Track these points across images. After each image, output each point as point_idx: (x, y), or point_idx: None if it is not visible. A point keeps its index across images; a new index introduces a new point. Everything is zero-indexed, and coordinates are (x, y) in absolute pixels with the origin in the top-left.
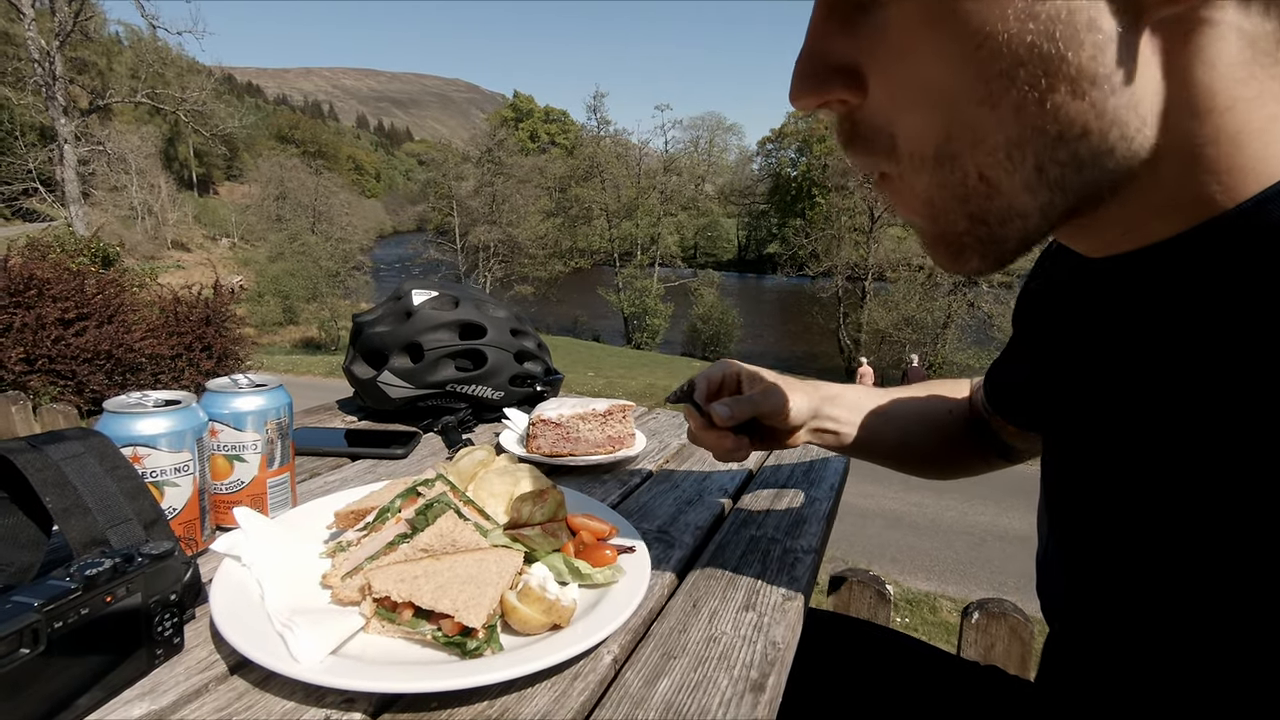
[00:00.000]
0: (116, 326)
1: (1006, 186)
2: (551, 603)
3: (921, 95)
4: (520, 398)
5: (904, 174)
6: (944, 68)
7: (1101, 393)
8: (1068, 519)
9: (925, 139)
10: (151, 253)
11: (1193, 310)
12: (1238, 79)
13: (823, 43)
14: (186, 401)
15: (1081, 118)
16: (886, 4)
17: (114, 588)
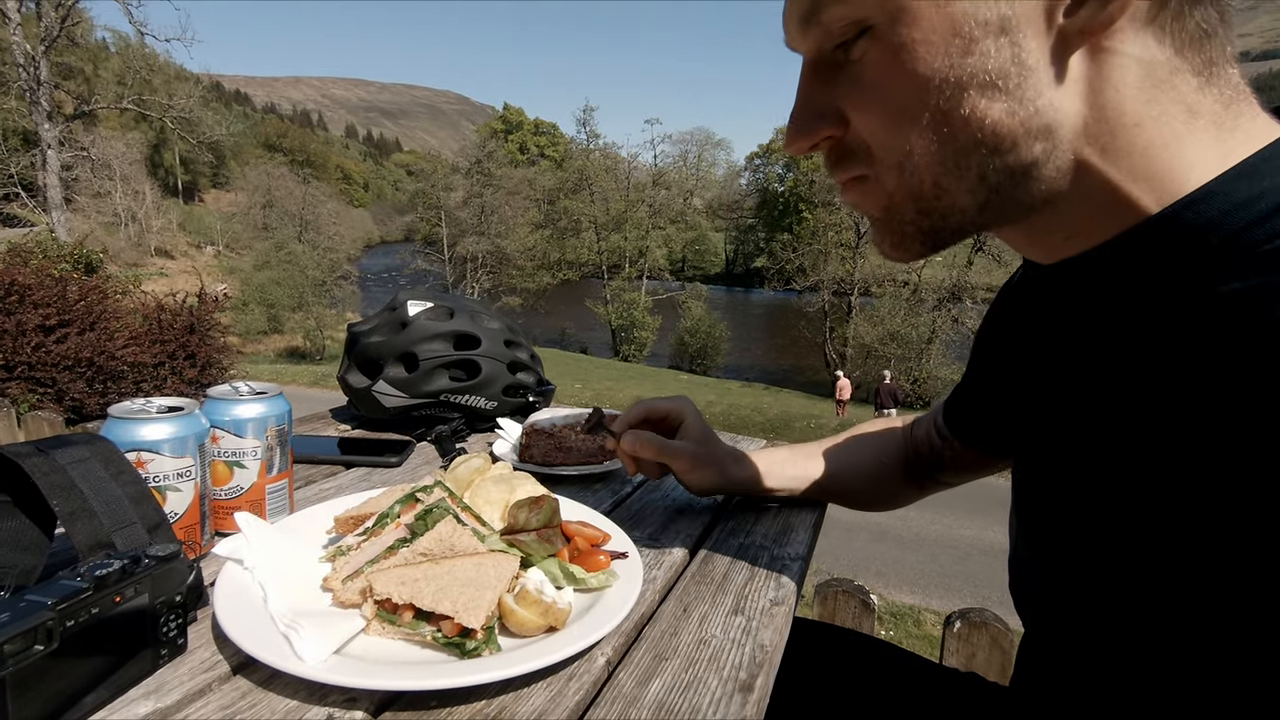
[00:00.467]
0: (98, 334)
1: (953, 189)
2: (548, 606)
3: (890, 119)
4: (513, 408)
5: (878, 175)
6: (904, 99)
7: (1055, 397)
8: (1034, 517)
9: (893, 152)
10: (135, 260)
11: (1121, 311)
12: (1142, 100)
13: (811, 96)
14: (189, 408)
15: (1012, 134)
16: (857, 59)
17: (123, 588)
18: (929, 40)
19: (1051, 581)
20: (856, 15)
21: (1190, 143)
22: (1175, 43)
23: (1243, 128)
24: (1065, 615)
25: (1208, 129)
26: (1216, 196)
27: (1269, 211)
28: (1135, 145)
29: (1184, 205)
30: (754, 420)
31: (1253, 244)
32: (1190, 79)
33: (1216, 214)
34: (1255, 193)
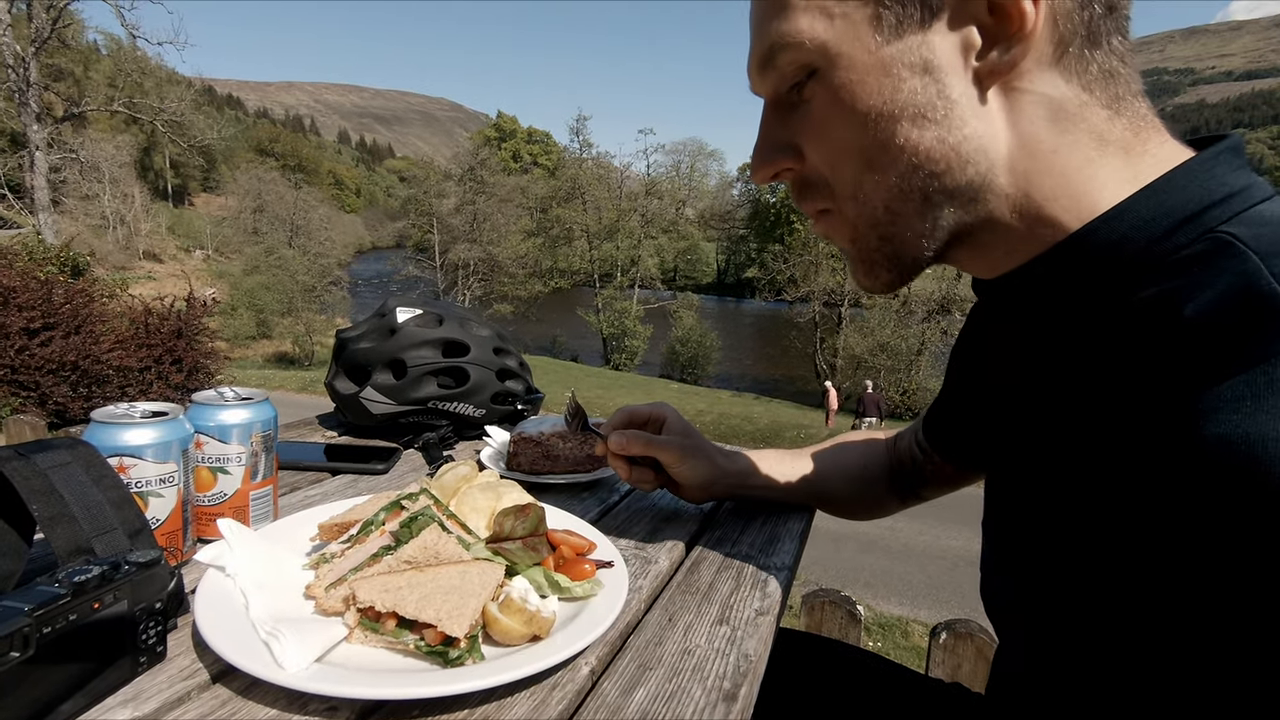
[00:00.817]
0: (84, 337)
1: (904, 212)
2: (532, 614)
3: (841, 154)
4: (501, 416)
5: (839, 208)
6: (850, 134)
7: (1010, 409)
8: (996, 527)
9: (847, 183)
10: (122, 263)
11: (1052, 322)
12: (1055, 130)
13: (770, 132)
14: (174, 413)
15: (945, 158)
16: (810, 99)
17: (102, 594)
18: (863, 80)
19: (1015, 591)
20: (803, 60)
21: (1102, 166)
22: (1081, 81)
23: (1151, 152)
24: (1030, 623)
25: (1117, 154)
26: (1127, 213)
27: (1173, 227)
28: (1053, 169)
29: (1100, 221)
30: (744, 429)
31: (1161, 255)
32: (1100, 111)
33: (1128, 229)
34: (1162, 210)
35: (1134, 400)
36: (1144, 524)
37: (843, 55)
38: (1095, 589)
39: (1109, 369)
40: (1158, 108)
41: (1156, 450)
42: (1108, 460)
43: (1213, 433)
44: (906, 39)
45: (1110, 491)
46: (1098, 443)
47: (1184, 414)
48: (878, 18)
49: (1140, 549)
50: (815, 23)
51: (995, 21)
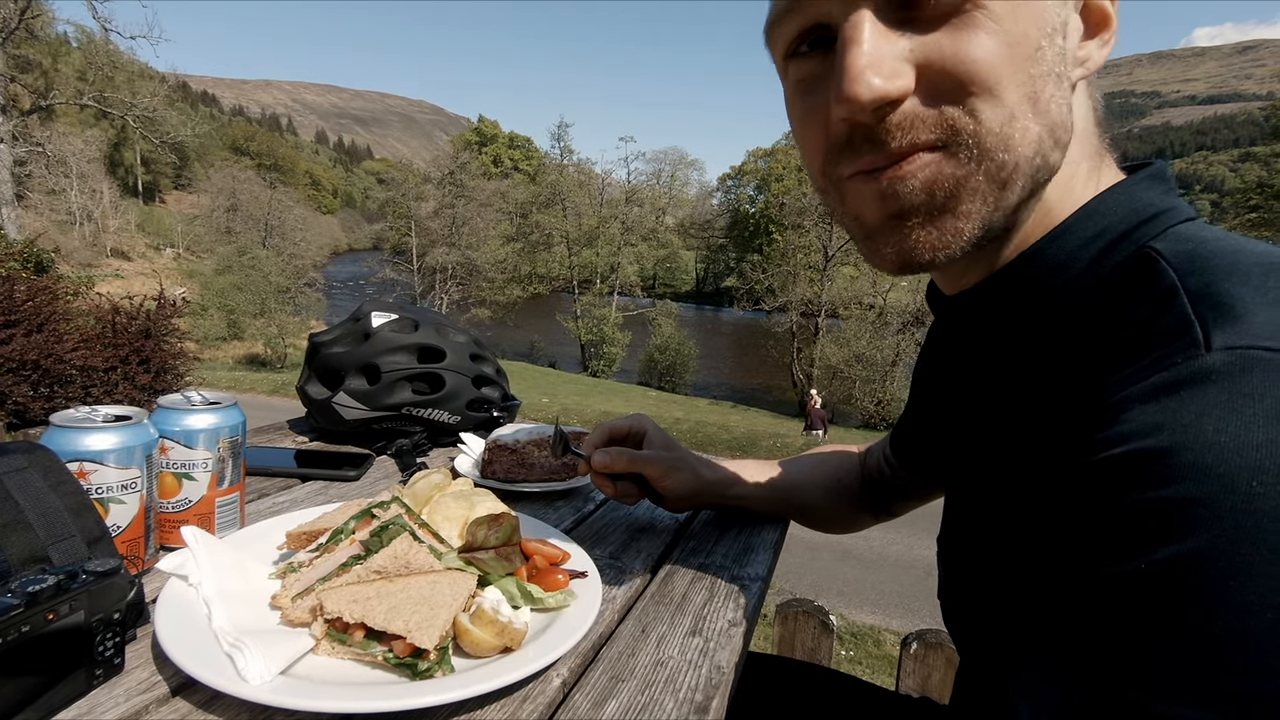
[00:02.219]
0: (46, 336)
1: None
2: (504, 625)
3: (989, 86)
4: (476, 422)
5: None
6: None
7: (959, 426)
8: (949, 544)
9: (986, 120)
10: (89, 260)
11: (999, 341)
12: (1084, 133)
13: (884, 43)
14: (138, 417)
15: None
16: (947, 14)
17: (57, 605)
18: (1028, 24)
19: (969, 606)
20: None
21: (1086, 182)
22: (1092, 101)
23: (1105, 173)
24: (984, 635)
25: (1093, 172)
26: (1073, 231)
27: (1109, 244)
28: (1062, 178)
29: (1048, 240)
30: (721, 438)
31: (1100, 272)
32: (1096, 130)
33: (1074, 247)
34: (1098, 230)
35: (1063, 411)
36: (1068, 511)
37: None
38: (1035, 604)
39: (1047, 382)
40: (1125, 129)
41: (1079, 443)
42: (1040, 471)
43: (1120, 429)
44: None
45: (1040, 504)
46: (1033, 455)
47: (1101, 416)
48: None
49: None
50: None
51: (1091, 14)
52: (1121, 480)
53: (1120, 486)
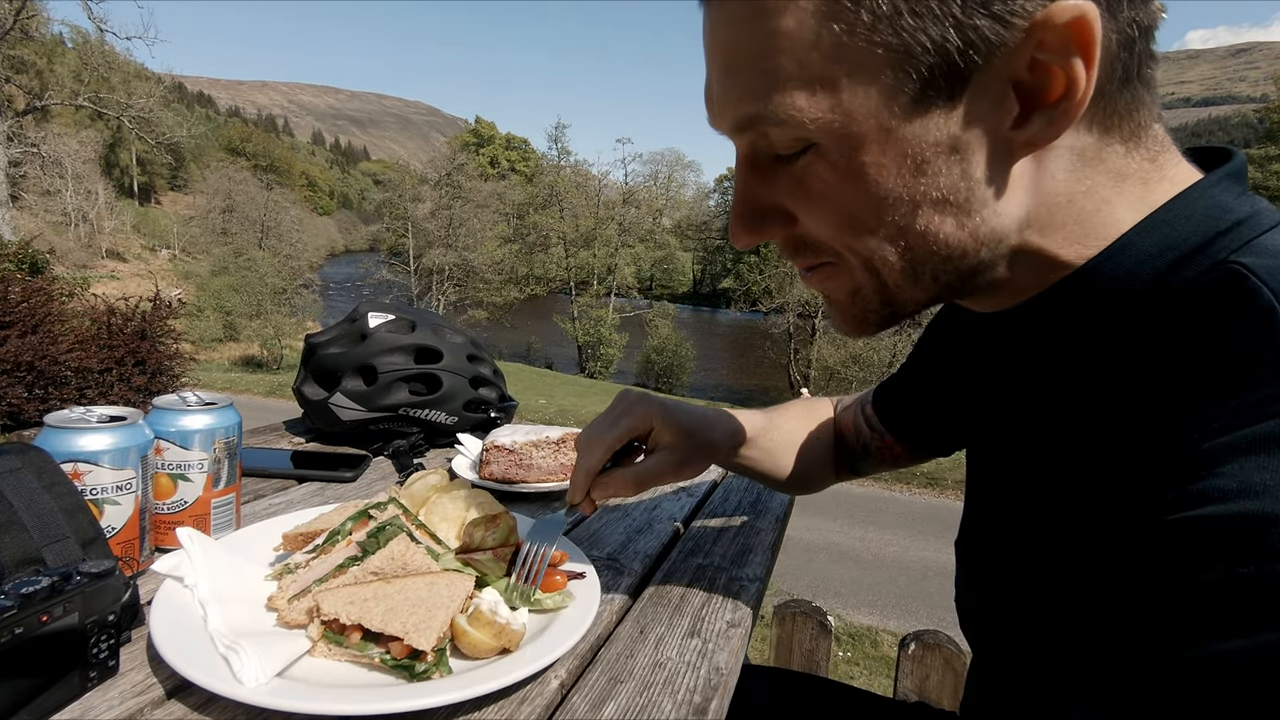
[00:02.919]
0: (41, 337)
1: (909, 289)
2: (501, 627)
3: (846, 229)
4: (474, 423)
5: (846, 267)
6: (862, 211)
7: (996, 434)
8: (973, 550)
9: (859, 255)
10: (84, 261)
11: (1053, 356)
12: (1074, 179)
13: (752, 194)
14: (133, 418)
15: (963, 245)
16: (798, 161)
17: (51, 606)
18: (880, 163)
19: (993, 612)
20: (800, 136)
21: (1119, 203)
22: (1102, 125)
23: (1167, 177)
24: (1007, 642)
25: (1134, 187)
26: (1131, 247)
27: (1179, 259)
28: (1069, 218)
29: (1104, 257)
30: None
31: (1170, 288)
32: (1118, 148)
33: (1132, 264)
34: (1167, 242)
35: (1139, 435)
36: (1135, 561)
37: (854, 136)
38: (1079, 616)
39: (1115, 402)
40: None
41: (1156, 489)
42: (1104, 493)
43: (1215, 485)
44: (931, 115)
45: (1104, 525)
46: (1096, 475)
47: (1186, 465)
48: (897, 91)
49: (1128, 586)
50: (818, 100)
51: (1037, 85)
52: (1215, 546)
53: (1213, 553)
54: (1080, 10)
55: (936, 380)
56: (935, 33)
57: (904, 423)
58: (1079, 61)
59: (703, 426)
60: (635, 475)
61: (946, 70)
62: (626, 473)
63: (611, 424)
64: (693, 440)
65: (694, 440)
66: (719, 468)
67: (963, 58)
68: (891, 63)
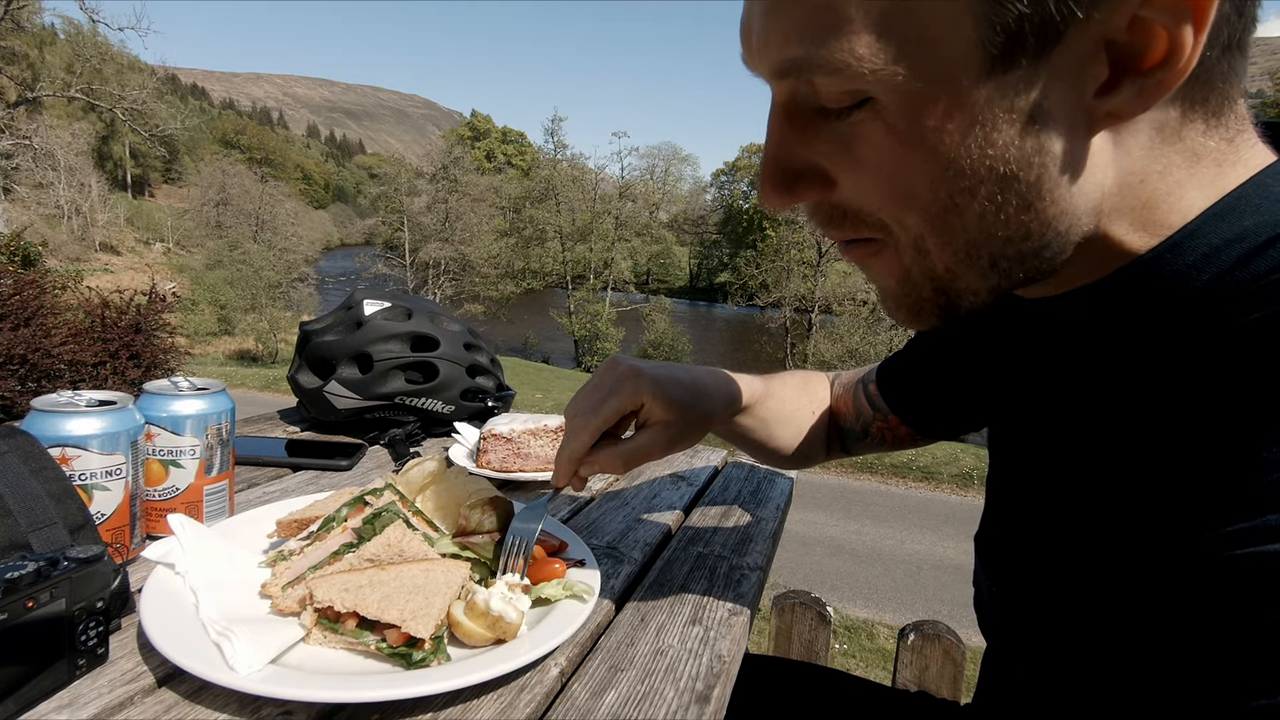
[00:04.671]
0: (34, 330)
1: (965, 274)
2: (495, 619)
3: (898, 200)
4: (471, 412)
5: (894, 246)
6: (916, 181)
7: (1027, 426)
8: (994, 546)
9: (908, 231)
10: (77, 254)
11: (1105, 348)
12: (1150, 158)
13: (784, 148)
14: (123, 402)
15: (1026, 226)
16: (847, 117)
17: (36, 592)
18: (945, 128)
19: (1014, 607)
20: (856, 88)
21: (1190, 186)
22: (1189, 97)
23: (1242, 159)
24: (1027, 636)
25: (1209, 169)
26: (1197, 237)
27: (1249, 253)
28: (1139, 200)
29: (1168, 248)
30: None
31: (1239, 284)
32: (1199, 124)
33: (1198, 257)
34: (1235, 233)
35: (1197, 450)
36: (1188, 589)
37: (918, 94)
38: (1111, 628)
39: (1171, 410)
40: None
41: (1219, 516)
42: (1150, 507)
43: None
44: (1010, 75)
45: (1147, 540)
46: (1142, 486)
47: (1262, 486)
48: (977, 45)
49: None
50: (883, 48)
51: (1134, 46)
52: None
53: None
54: None
55: (951, 361)
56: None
57: (911, 404)
58: (1189, 24)
59: (697, 398)
60: (624, 454)
61: (1039, 24)
62: (614, 452)
63: (598, 405)
64: (687, 415)
65: (688, 415)
66: (718, 462)
67: (1059, 9)
68: (975, 11)
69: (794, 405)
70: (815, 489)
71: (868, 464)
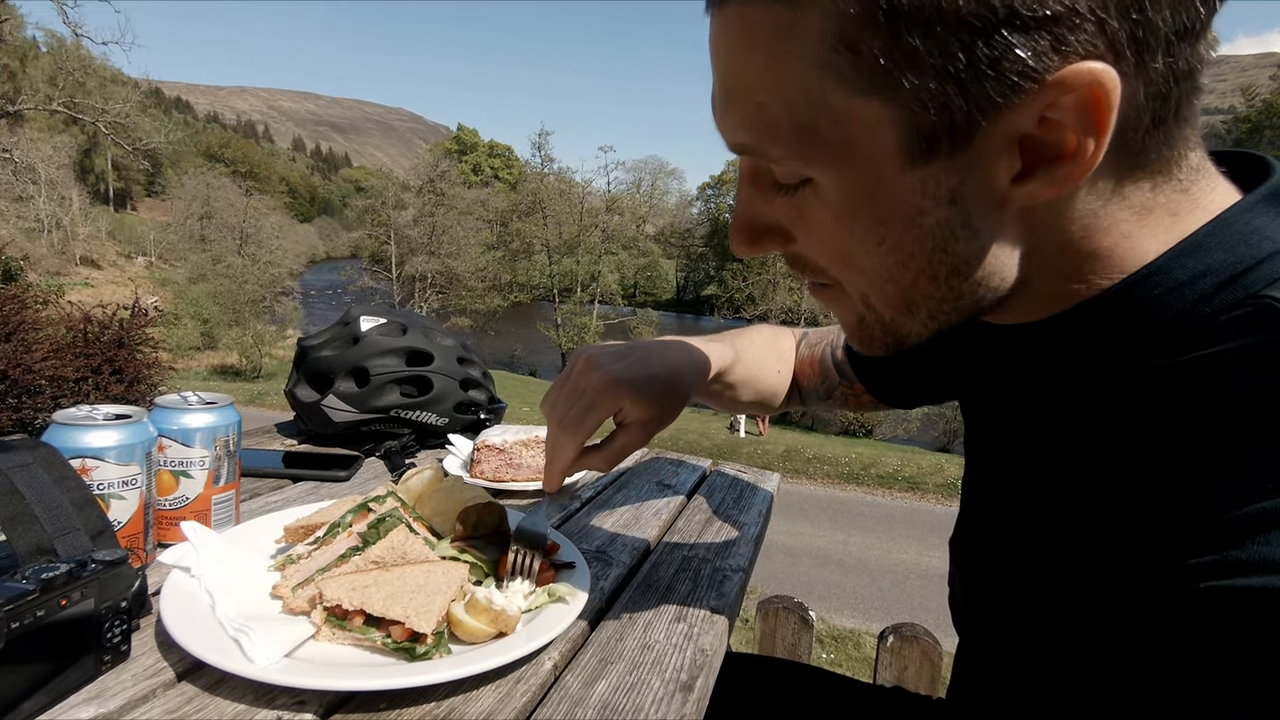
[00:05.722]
0: (14, 345)
1: (906, 322)
2: (498, 613)
3: (842, 263)
4: (464, 424)
5: (846, 291)
6: (856, 252)
7: (997, 434)
8: (967, 550)
9: (855, 288)
10: (58, 268)
11: (1069, 375)
12: (1092, 219)
13: (751, 208)
14: (137, 416)
15: (959, 288)
16: (799, 190)
17: (69, 591)
18: (875, 210)
19: (982, 607)
20: (797, 171)
21: (1142, 237)
22: (1126, 165)
23: (1200, 205)
24: (995, 634)
25: (1162, 219)
26: (1164, 273)
27: (1213, 289)
28: (1080, 252)
29: (1134, 281)
30: (701, 445)
31: (1203, 318)
32: (1144, 184)
33: (1162, 291)
34: (1201, 268)
35: (1162, 465)
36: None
37: (849, 182)
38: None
39: (1131, 430)
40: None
41: (1186, 545)
42: (1114, 526)
43: (1261, 555)
44: (931, 166)
45: (1111, 558)
46: (1106, 503)
47: (1225, 526)
48: (896, 145)
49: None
50: (812, 146)
51: (1046, 140)
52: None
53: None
54: (1095, 76)
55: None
56: (937, 91)
57: (880, 381)
58: (1090, 132)
59: (672, 386)
60: (609, 457)
61: (949, 127)
62: (600, 456)
63: (579, 420)
64: (664, 405)
65: (665, 405)
66: (703, 471)
67: (965, 117)
68: (892, 118)
69: (758, 366)
70: (802, 499)
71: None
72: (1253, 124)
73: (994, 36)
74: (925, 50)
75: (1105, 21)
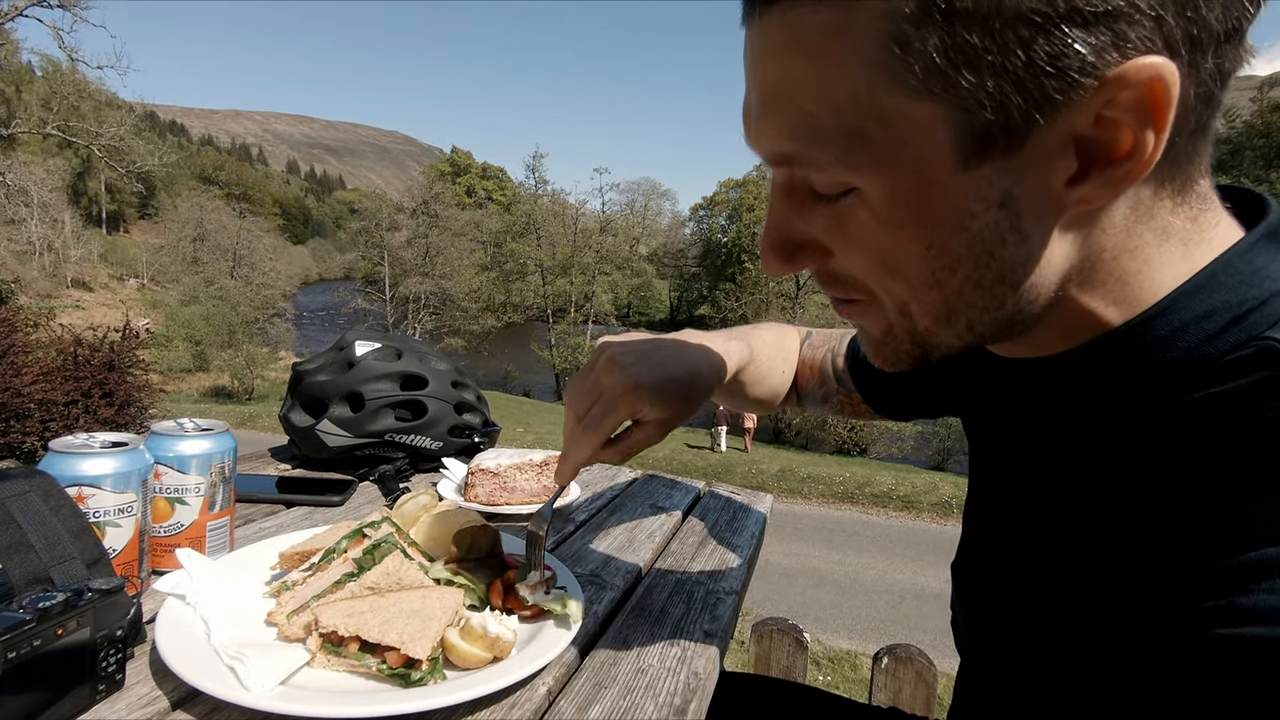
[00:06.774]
0: (4, 369)
1: (942, 336)
2: (493, 639)
3: (882, 273)
4: (458, 448)
5: (880, 305)
6: (901, 259)
7: (1001, 463)
8: (968, 574)
9: (894, 297)
10: (48, 291)
11: (1078, 410)
12: (1124, 235)
13: (786, 223)
14: (134, 444)
15: (1002, 297)
16: (837, 201)
17: (65, 620)
18: (924, 215)
19: (984, 631)
20: (841, 179)
21: (1160, 264)
22: (1159, 177)
23: (1207, 238)
24: (997, 658)
25: (1176, 247)
26: (1170, 313)
27: (1219, 329)
28: (1112, 275)
29: (1142, 321)
30: (696, 465)
31: (1210, 357)
32: (1166, 203)
33: (1169, 331)
34: (1205, 309)
35: (1169, 503)
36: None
37: (898, 187)
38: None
39: (1144, 463)
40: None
41: (1193, 590)
42: (1125, 547)
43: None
44: (984, 168)
45: (1115, 594)
46: (1116, 531)
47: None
48: (949, 146)
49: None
50: (862, 151)
51: (1101, 141)
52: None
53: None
54: (1157, 71)
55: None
56: (994, 90)
57: (879, 393)
58: (1150, 125)
59: (690, 385)
60: (623, 451)
61: (1005, 126)
62: (615, 450)
63: (598, 421)
64: (682, 407)
65: (682, 406)
66: (697, 492)
67: (1023, 115)
68: (945, 118)
69: (769, 365)
70: (798, 520)
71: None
72: (1233, 145)
73: (1054, 32)
74: (984, 48)
75: (1162, 18)
